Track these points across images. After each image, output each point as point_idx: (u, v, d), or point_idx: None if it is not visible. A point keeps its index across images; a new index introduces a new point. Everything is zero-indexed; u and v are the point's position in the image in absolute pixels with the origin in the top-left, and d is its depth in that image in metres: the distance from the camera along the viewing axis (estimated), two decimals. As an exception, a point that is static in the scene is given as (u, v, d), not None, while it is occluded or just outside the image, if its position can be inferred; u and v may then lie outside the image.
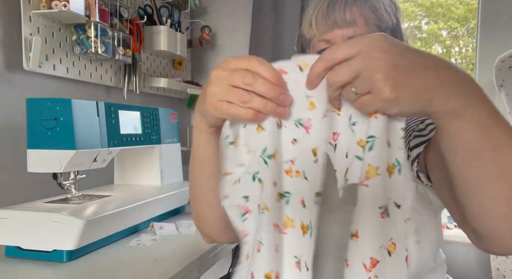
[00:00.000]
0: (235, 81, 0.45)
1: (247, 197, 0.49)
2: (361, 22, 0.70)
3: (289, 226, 0.46)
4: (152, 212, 1.09)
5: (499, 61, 1.32)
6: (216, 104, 0.47)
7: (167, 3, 1.68)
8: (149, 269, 0.80)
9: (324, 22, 0.72)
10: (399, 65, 0.39)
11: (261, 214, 0.46)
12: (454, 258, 1.57)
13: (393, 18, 0.74)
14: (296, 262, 0.46)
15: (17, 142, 1.08)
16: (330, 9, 0.71)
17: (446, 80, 0.40)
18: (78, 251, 0.84)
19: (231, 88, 0.45)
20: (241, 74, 0.45)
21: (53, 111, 0.86)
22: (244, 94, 0.45)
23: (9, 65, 1.07)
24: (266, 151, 0.46)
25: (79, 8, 1.13)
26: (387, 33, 0.69)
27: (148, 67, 1.66)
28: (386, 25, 0.73)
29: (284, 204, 0.46)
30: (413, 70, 0.39)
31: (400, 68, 0.39)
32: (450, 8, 1.90)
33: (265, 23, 1.77)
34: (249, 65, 0.45)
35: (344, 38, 0.71)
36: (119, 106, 1.04)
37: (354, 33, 0.70)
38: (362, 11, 0.70)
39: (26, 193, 1.07)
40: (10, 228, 0.84)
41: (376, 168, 0.43)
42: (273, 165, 0.46)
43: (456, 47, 1.93)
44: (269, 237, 0.46)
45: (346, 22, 0.70)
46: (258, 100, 0.45)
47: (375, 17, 0.71)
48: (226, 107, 0.46)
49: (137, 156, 1.22)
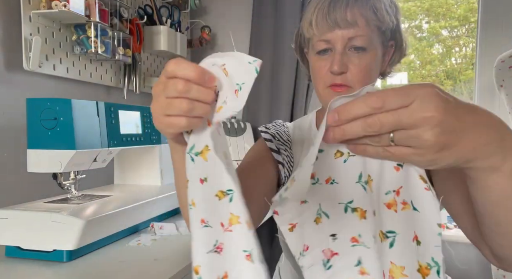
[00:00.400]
0: (169, 93, 0.43)
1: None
2: (362, 23, 0.70)
3: (235, 223, 0.44)
4: (152, 212, 1.09)
5: (499, 61, 1.32)
6: (160, 120, 0.45)
7: (167, 3, 1.68)
8: (149, 269, 0.80)
9: (324, 22, 0.71)
10: (451, 127, 0.37)
11: (190, 210, 0.44)
12: (454, 258, 1.56)
13: (394, 19, 0.74)
14: (247, 255, 0.43)
15: (17, 142, 1.08)
16: (331, 9, 0.70)
17: (492, 140, 0.40)
18: (78, 251, 0.84)
19: (169, 100, 0.43)
20: (173, 83, 0.42)
21: (53, 111, 0.86)
22: (181, 102, 0.42)
23: (9, 65, 1.07)
24: (193, 149, 0.45)
25: (79, 8, 1.13)
26: (387, 34, 0.70)
27: (148, 67, 1.66)
28: (386, 26, 0.73)
29: (227, 202, 0.44)
30: (464, 132, 0.38)
31: (451, 131, 0.37)
32: (451, 8, 1.90)
33: (265, 23, 1.77)
34: (176, 71, 0.42)
35: (344, 39, 0.71)
36: (119, 106, 1.04)
37: (355, 34, 0.70)
38: (363, 12, 0.70)
39: (26, 193, 1.07)
40: (10, 228, 0.84)
41: (401, 268, 0.40)
42: (199, 162, 0.44)
43: (457, 47, 1.93)
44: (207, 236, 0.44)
45: (347, 22, 0.70)
46: (199, 106, 0.43)
47: (376, 18, 0.71)
48: (168, 121, 0.44)
49: (137, 156, 1.22)
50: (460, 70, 1.90)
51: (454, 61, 1.94)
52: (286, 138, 0.86)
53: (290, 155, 0.83)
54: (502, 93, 1.33)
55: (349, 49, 0.72)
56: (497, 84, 1.34)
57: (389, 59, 0.80)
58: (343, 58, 0.71)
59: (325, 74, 0.74)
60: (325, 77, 0.74)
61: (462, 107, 0.39)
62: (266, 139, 0.84)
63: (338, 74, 0.72)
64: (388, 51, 0.78)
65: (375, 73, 0.75)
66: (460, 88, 1.91)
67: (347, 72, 0.72)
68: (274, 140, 0.84)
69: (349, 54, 0.72)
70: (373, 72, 0.74)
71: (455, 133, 0.38)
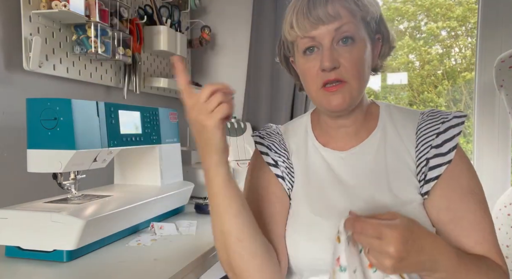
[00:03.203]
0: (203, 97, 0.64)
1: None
2: (345, 14, 0.69)
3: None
4: (152, 212, 1.09)
5: (499, 61, 1.32)
6: (203, 115, 0.64)
7: (167, 3, 1.68)
8: (149, 269, 0.80)
9: (306, 20, 0.69)
10: (403, 259, 0.56)
11: None
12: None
13: (378, 9, 0.73)
14: None
15: (17, 142, 1.08)
16: (311, 6, 0.69)
17: (426, 266, 0.59)
18: (78, 251, 0.84)
19: (205, 102, 0.64)
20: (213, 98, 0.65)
21: (53, 111, 0.86)
22: (216, 96, 0.64)
23: (9, 65, 1.07)
24: None
25: (79, 8, 1.13)
26: (372, 26, 0.76)
27: (148, 67, 1.66)
28: (371, 15, 0.72)
29: None
30: (409, 261, 0.57)
31: (402, 260, 0.56)
32: (450, 8, 1.90)
33: (265, 23, 1.77)
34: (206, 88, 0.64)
35: (331, 33, 0.69)
36: (119, 106, 1.04)
37: (340, 25, 0.69)
38: (345, 4, 0.69)
39: (26, 193, 1.07)
40: (10, 228, 0.84)
41: None
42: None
43: (456, 48, 1.94)
44: None
45: (330, 16, 0.68)
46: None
47: (359, 9, 0.70)
48: (212, 114, 0.64)
49: (137, 156, 1.22)
50: (460, 70, 1.90)
51: (454, 61, 1.94)
52: (282, 148, 0.84)
53: (289, 166, 0.82)
54: (502, 93, 1.33)
55: (337, 43, 0.70)
56: (497, 84, 1.34)
57: (379, 53, 0.79)
58: (332, 53, 0.69)
59: (316, 75, 0.72)
60: (317, 78, 0.72)
61: (414, 248, 0.57)
62: (262, 153, 0.83)
63: (331, 70, 0.70)
64: (376, 45, 0.77)
65: (368, 67, 0.74)
66: (460, 88, 1.91)
67: (340, 67, 0.70)
68: (271, 152, 0.82)
69: (338, 48, 0.70)
70: (365, 65, 0.73)
71: (405, 260, 0.56)
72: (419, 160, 0.73)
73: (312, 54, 0.72)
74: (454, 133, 0.72)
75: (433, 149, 0.72)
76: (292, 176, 0.81)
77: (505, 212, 1.22)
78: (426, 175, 0.71)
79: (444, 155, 0.71)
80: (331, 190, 0.76)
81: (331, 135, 0.82)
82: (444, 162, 0.71)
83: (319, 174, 0.79)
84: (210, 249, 0.92)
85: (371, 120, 0.81)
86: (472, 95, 1.70)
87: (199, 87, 1.84)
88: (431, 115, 0.76)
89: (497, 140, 1.61)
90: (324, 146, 0.81)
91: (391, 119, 0.80)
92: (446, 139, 0.72)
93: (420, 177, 0.72)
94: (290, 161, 0.82)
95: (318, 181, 0.78)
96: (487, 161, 1.62)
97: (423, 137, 0.74)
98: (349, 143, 0.80)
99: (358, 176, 0.76)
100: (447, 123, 0.73)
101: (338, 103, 0.72)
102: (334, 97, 0.72)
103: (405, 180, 0.73)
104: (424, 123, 0.76)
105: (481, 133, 1.64)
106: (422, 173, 0.72)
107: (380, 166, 0.75)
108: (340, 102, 0.72)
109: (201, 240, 0.98)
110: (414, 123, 0.77)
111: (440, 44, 1.96)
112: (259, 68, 1.79)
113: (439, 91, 1.94)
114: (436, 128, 0.73)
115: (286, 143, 0.85)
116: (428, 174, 0.71)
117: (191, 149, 1.65)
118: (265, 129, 0.89)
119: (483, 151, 1.63)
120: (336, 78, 0.70)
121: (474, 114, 1.66)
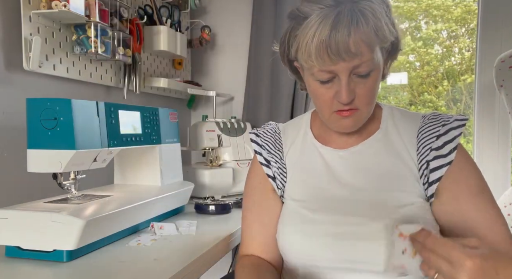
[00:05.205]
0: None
1: None
2: (365, 50, 0.67)
3: None
4: (152, 212, 1.09)
5: (499, 61, 1.32)
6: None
7: (167, 3, 1.68)
8: (149, 269, 0.80)
9: (326, 56, 0.66)
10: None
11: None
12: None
13: (393, 29, 0.71)
14: None
15: (17, 142, 1.08)
16: (332, 39, 0.65)
17: None
18: (78, 251, 0.84)
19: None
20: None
21: (53, 111, 0.86)
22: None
23: (9, 65, 1.07)
24: None
25: (79, 8, 1.13)
26: (388, 46, 0.77)
27: (148, 67, 1.66)
28: (388, 42, 0.71)
29: None
30: None
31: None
32: (448, 10, 1.90)
33: (265, 23, 1.76)
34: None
35: (349, 69, 0.68)
36: (119, 106, 1.04)
37: (360, 62, 0.67)
38: (366, 38, 0.66)
39: (26, 193, 1.07)
40: (10, 228, 0.84)
41: None
42: None
43: (456, 48, 1.93)
44: None
45: (350, 53, 0.66)
46: None
47: (379, 40, 0.68)
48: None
49: (137, 156, 1.22)
50: (460, 70, 1.90)
51: (454, 62, 1.94)
52: (277, 148, 0.85)
53: (282, 166, 0.83)
54: (502, 93, 1.33)
55: (354, 74, 0.70)
56: (497, 84, 1.34)
57: (390, 64, 0.79)
58: (350, 86, 0.69)
59: (331, 102, 0.72)
60: (331, 104, 0.72)
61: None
62: (256, 152, 0.85)
63: (348, 104, 0.70)
64: (388, 58, 0.77)
65: (379, 86, 0.76)
66: (460, 88, 1.91)
67: (354, 97, 0.70)
68: (264, 151, 0.84)
69: (354, 79, 0.70)
70: (377, 89, 0.75)
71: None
72: (420, 163, 0.73)
73: (327, 83, 0.72)
74: (455, 134, 0.72)
75: (433, 151, 0.72)
76: (284, 176, 0.82)
77: (505, 212, 1.22)
78: (428, 178, 0.72)
79: (445, 156, 0.71)
80: (327, 187, 0.77)
81: (331, 134, 0.82)
82: (445, 164, 0.71)
83: (316, 171, 0.80)
84: (210, 249, 0.92)
85: (374, 122, 0.81)
86: (472, 95, 1.70)
87: (200, 87, 1.85)
88: (432, 118, 0.77)
89: (497, 140, 1.61)
90: (323, 144, 0.82)
91: (394, 121, 0.80)
92: (447, 141, 0.72)
93: (423, 180, 0.73)
94: (283, 161, 0.83)
95: (315, 179, 0.79)
96: (487, 161, 1.62)
97: (423, 139, 0.74)
98: (349, 142, 0.80)
99: (357, 174, 0.76)
100: (448, 125, 0.73)
101: (348, 126, 0.75)
102: (346, 120, 0.74)
103: (405, 181, 0.73)
104: (425, 126, 0.76)
105: (481, 133, 1.64)
106: (424, 176, 0.72)
107: (379, 166, 0.76)
108: (350, 126, 0.75)
109: (201, 240, 0.98)
110: (415, 126, 0.78)
111: (440, 45, 1.96)
112: (259, 68, 1.79)
113: (439, 91, 1.94)
114: (437, 130, 0.73)
115: (283, 141, 0.86)
116: (430, 176, 0.71)
117: (191, 149, 1.65)
118: (264, 126, 0.91)
119: (483, 151, 1.63)
120: (350, 108, 0.72)
121: (474, 114, 1.66)
